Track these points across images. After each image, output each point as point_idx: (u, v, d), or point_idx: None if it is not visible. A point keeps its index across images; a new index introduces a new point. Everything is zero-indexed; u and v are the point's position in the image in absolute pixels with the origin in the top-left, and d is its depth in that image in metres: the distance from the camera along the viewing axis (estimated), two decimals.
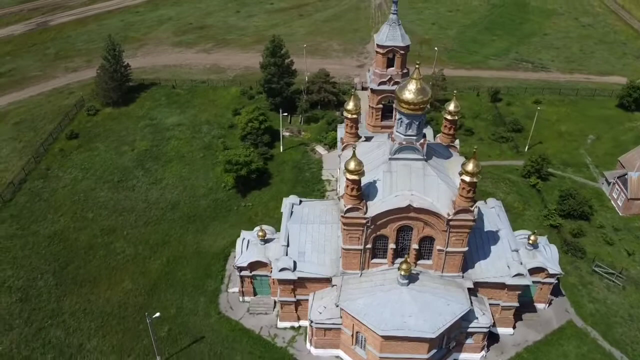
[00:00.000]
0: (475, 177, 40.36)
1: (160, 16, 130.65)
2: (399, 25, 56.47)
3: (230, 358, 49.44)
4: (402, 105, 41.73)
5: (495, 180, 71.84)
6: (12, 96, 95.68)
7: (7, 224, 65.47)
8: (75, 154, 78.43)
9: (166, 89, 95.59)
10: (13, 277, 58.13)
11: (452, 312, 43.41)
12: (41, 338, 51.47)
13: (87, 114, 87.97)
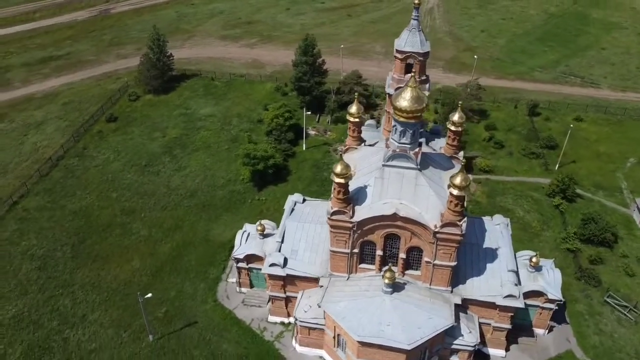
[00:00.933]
0: (464, 190, 39.36)
1: (212, 10, 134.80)
2: (419, 31, 55.67)
3: (218, 345, 50.90)
4: (397, 113, 41.31)
5: (517, 197, 69.24)
6: (66, 78, 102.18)
7: (39, 197, 70.32)
8: (111, 136, 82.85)
9: (205, 80, 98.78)
10: (36, 246, 62.48)
11: (433, 326, 42.59)
12: (50, 305, 55.15)
13: (128, 99, 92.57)
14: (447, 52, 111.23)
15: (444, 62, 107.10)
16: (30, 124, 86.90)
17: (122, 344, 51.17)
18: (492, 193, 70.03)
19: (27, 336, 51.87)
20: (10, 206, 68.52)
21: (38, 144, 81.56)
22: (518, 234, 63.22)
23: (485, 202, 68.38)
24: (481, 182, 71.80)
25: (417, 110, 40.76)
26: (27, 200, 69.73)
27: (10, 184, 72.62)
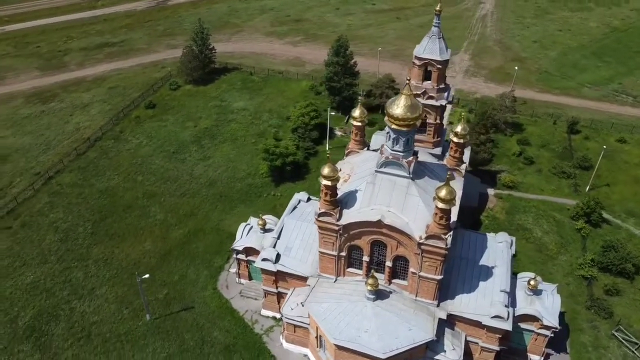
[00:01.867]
0: (449, 203, 38.46)
1: (263, 6, 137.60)
2: (439, 38, 54.89)
3: (209, 332, 52.43)
4: (390, 120, 40.92)
5: (538, 216, 66.36)
6: (116, 64, 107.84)
7: (73, 174, 74.86)
8: (147, 122, 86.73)
9: (244, 74, 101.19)
10: (62, 220, 66.67)
11: (411, 338, 41.93)
12: (64, 276, 58.79)
13: (169, 88, 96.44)
14: (493, 62, 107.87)
15: (487, 72, 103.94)
16: (77, 105, 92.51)
17: (122, 319, 53.82)
18: (512, 210, 67.53)
19: (39, 302, 55.67)
20: (46, 180, 73.43)
21: (80, 124, 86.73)
22: (532, 255, 60.99)
23: (503, 219, 66.08)
24: (502, 197, 69.41)
25: (410, 118, 40.21)
26: (62, 176, 74.47)
27: (49, 160, 77.77)
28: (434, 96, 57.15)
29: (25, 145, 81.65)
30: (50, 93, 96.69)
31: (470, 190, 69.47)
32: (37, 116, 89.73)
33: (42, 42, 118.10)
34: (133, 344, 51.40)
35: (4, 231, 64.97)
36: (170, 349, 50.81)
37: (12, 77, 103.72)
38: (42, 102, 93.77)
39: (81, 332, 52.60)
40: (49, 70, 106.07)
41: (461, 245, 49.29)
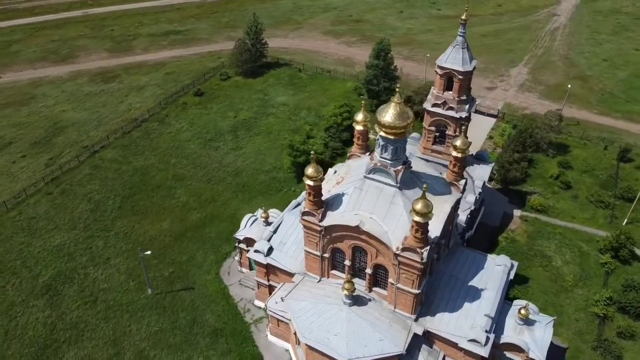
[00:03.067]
0: (425, 217, 37.45)
1: (328, 5, 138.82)
2: (463, 48, 53.47)
3: (202, 314, 54.51)
4: (380, 127, 40.46)
5: (562, 245, 62.42)
6: (177, 51, 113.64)
7: (115, 150, 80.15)
8: (191, 109, 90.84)
9: (293, 70, 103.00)
10: (96, 192, 71.72)
11: (380, 348, 41.35)
12: (87, 243, 63.37)
13: (219, 78, 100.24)
14: (552, 78, 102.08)
15: (544, 88, 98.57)
16: (134, 87, 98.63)
17: (127, 290, 57.26)
18: (535, 234, 64.03)
19: (59, 264, 60.48)
20: (91, 154, 79.23)
21: (132, 105, 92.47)
22: (545, 284, 57.68)
23: (522, 242, 62.86)
24: (528, 220, 65.95)
25: (399, 126, 39.51)
26: (105, 151, 79.99)
27: (98, 135, 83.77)
28: (454, 107, 55.72)
29: (81, 120, 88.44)
30: (112, 74, 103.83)
31: (494, 209, 67.09)
32: (97, 94, 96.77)
33: (116, 26, 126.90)
34: (132, 314, 54.59)
35: (46, 196, 71.02)
36: (163, 324, 53.42)
37: (84, 56, 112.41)
38: (104, 82, 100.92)
39: (89, 296, 56.63)
40: (116, 52, 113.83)
41: (455, 263, 47.73)
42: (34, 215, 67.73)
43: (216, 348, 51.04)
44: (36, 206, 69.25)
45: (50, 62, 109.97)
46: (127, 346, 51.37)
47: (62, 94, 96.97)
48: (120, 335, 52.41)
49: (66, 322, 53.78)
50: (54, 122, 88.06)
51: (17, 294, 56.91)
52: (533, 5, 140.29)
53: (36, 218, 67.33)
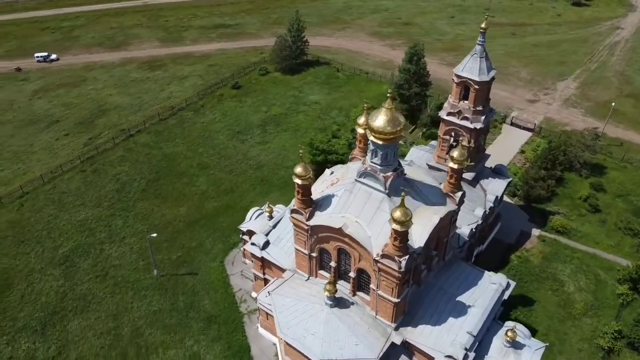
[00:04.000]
0: (404, 225, 36.87)
1: (378, 6, 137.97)
2: (481, 57, 52.15)
3: (200, 299, 56.26)
4: (371, 132, 40.19)
5: (578, 270, 59.25)
6: (224, 44, 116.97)
7: (149, 135, 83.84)
8: (227, 101, 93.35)
9: (332, 70, 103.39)
10: (125, 173, 75.41)
11: (354, 353, 41.14)
12: (107, 221, 66.86)
13: (258, 73, 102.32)
14: (602, 94, 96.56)
15: (591, 104, 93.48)
16: (177, 76, 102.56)
17: (135, 269, 59.99)
18: (551, 256, 61.15)
19: (79, 238, 64.23)
20: (127, 137, 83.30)
21: (172, 94, 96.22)
22: (552, 309, 55.12)
23: (536, 263, 60.22)
24: (545, 240, 63.04)
25: (387, 132, 39.01)
26: (140, 135, 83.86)
27: (136, 120, 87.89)
28: (469, 117, 54.26)
29: (123, 104, 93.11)
30: (160, 62, 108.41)
31: (512, 226, 64.79)
32: (142, 81, 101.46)
33: (171, 16, 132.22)
34: (136, 292, 57.21)
35: (79, 173, 75.48)
36: (163, 305, 55.62)
37: (137, 44, 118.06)
38: (151, 70, 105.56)
39: (101, 271, 59.83)
40: (167, 42, 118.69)
41: (447, 277, 46.58)
42: (65, 190, 72.21)
43: (207, 333, 52.59)
44: (69, 182, 73.79)
45: (105, 47, 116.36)
46: (126, 322, 53.95)
47: (110, 78, 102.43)
48: (122, 311, 55.08)
49: (76, 292, 57.17)
50: (99, 105, 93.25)
51: (37, 262, 61.05)
52: (595, 17, 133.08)
53: (67, 193, 71.76)
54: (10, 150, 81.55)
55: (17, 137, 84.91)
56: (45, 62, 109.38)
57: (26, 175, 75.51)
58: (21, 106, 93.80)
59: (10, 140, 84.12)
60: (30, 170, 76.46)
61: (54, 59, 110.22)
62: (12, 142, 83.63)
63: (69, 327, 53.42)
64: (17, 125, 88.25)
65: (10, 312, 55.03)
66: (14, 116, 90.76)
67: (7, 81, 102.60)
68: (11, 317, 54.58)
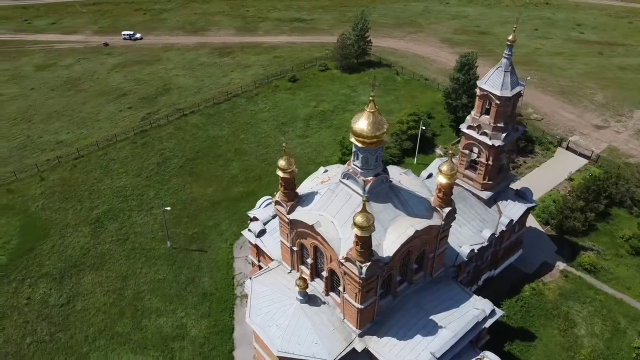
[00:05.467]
0: (364, 231, 36.19)
1: (459, 12, 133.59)
2: (506, 71, 49.68)
3: (201, 276, 58.90)
4: (352, 134, 39.87)
5: (595, 314, 54.05)
6: (293, 38, 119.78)
7: (200, 117, 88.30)
8: (280, 93, 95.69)
9: (391, 73, 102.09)
10: (168, 149, 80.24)
11: (311, 352, 41.11)
12: (142, 190, 71.73)
13: (318, 68, 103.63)
14: None
15: None
16: (241, 64, 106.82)
17: (153, 238, 64.00)
18: (570, 294, 56.41)
19: (113, 202, 69.65)
20: (180, 116, 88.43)
21: (232, 81, 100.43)
22: (554, 349, 51.30)
23: (549, 298, 55.88)
24: (568, 276, 58.30)
25: (367, 136, 38.46)
26: (192, 116, 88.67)
27: (193, 101, 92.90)
28: (488, 133, 51.58)
29: (185, 85, 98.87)
30: (229, 50, 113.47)
31: (534, 255, 60.85)
32: (208, 65, 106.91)
33: (252, 7, 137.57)
34: (147, 259, 61.12)
35: (130, 144, 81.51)
36: (167, 275, 58.97)
37: (214, 31, 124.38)
38: (219, 56, 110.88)
39: (123, 235, 64.58)
40: (242, 31, 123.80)
41: (428, 293, 44.89)
42: (114, 158, 78.42)
43: (199, 309, 55.06)
44: (119, 151, 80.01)
45: (185, 31, 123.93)
46: (132, 285, 57.93)
47: (181, 60, 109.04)
48: (131, 274, 59.18)
49: (97, 250, 62.26)
50: (165, 84, 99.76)
51: (73, 218, 67.15)
52: None
53: (115, 160, 77.89)
54: (79, 116, 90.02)
55: (88, 104, 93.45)
56: (130, 40, 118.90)
57: (86, 139, 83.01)
58: (99, 77, 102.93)
59: (82, 107, 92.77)
60: (91, 136, 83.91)
61: (137, 38, 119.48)
62: (82, 109, 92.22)
63: (83, 280, 58.45)
64: (91, 94, 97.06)
65: (39, 259, 61.28)
66: (90, 86, 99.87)
67: (94, 54, 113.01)
68: (39, 263, 60.77)
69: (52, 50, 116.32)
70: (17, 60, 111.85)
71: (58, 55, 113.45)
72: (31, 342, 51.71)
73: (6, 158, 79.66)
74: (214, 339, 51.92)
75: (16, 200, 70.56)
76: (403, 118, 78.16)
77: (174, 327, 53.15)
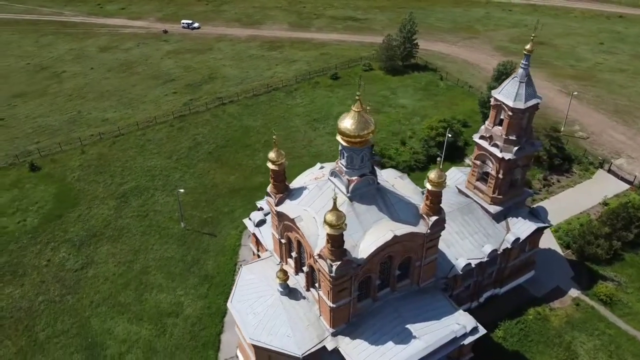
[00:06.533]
0: (334, 229, 36.06)
1: (521, 21, 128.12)
2: (521, 82, 47.88)
3: (206, 259, 60.74)
4: (338, 132, 39.77)
5: (602, 347, 50.28)
6: (344, 36, 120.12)
7: (237, 107, 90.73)
8: (319, 89, 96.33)
9: (435, 77, 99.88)
10: (201, 135, 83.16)
11: (282, 344, 41.52)
12: (169, 172, 74.90)
13: (362, 68, 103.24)
14: None
15: None
16: (287, 59, 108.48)
17: (170, 218, 66.70)
18: (577, 323, 52.99)
19: (141, 180, 73.27)
20: (219, 104, 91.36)
21: (276, 74, 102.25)
22: None
23: (554, 325, 52.75)
24: (580, 305, 54.78)
25: (351, 135, 38.32)
26: (230, 105, 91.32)
27: (233, 91, 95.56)
28: (499, 145, 49.54)
29: (230, 75, 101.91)
30: (279, 44, 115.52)
31: (547, 279, 57.95)
32: (256, 58, 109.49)
33: (309, 3, 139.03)
34: (160, 237, 63.89)
35: (167, 127, 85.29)
36: (175, 254, 61.38)
37: (268, 25, 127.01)
38: (269, 50, 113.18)
39: (144, 211, 67.85)
40: (295, 26, 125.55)
41: (411, 301, 43.94)
42: (150, 139, 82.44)
43: (198, 290, 56.93)
44: (157, 132, 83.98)
45: (241, 23, 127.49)
46: (141, 260, 60.82)
47: (231, 51, 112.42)
48: (142, 250, 62.15)
49: (117, 224, 65.90)
50: (211, 72, 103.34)
51: (102, 191, 71.37)
52: None
53: (151, 141, 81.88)
54: (127, 97, 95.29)
55: (137, 87, 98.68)
56: (187, 29, 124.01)
57: (129, 119, 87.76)
58: (152, 62, 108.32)
59: (132, 89, 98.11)
60: (134, 116, 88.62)
61: (195, 27, 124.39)
62: (132, 90, 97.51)
63: (99, 250, 62.12)
64: (142, 77, 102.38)
65: (65, 225, 65.78)
66: (143, 70, 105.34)
67: (152, 40, 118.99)
68: (64, 229, 65.23)
69: (116, 33, 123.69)
70: (84, 41, 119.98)
71: (121, 39, 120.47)
72: (43, 301, 55.80)
73: (56, 130, 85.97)
74: (206, 320, 53.58)
75: (57, 169, 76.03)
76: (433, 124, 76.43)
77: (171, 304, 55.37)
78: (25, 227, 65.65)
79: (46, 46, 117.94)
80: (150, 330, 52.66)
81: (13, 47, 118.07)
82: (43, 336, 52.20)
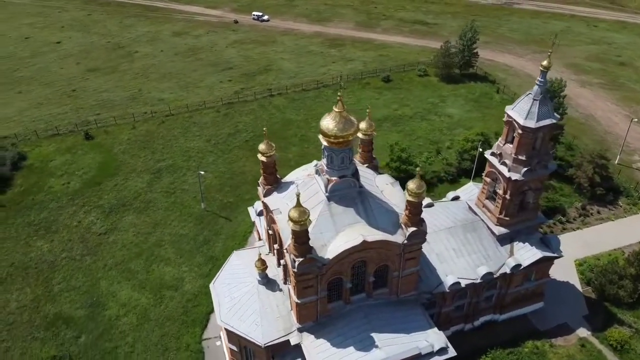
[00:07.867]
0: (297, 225, 36.33)
1: (603, 38, 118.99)
2: (535, 99, 45.58)
3: (216, 240, 63.08)
4: (320, 132, 39.90)
5: None
6: (408, 39, 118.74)
7: (283, 100, 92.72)
8: (368, 90, 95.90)
9: (491, 89, 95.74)
10: (243, 123, 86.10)
11: (249, 331, 42.52)
12: (204, 154, 78.45)
13: (417, 73, 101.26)
14: None
15: None
16: (345, 57, 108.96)
17: (194, 198, 69.90)
18: None
19: (177, 159, 77.36)
20: (267, 96, 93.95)
21: (328, 72, 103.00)
22: None
23: None
24: (586, 346, 50.54)
25: (332, 135, 38.41)
26: (277, 97, 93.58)
27: (284, 85, 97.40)
28: (508, 164, 47.03)
29: (285, 69, 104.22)
30: (340, 42, 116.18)
31: (555, 313, 54.40)
32: (315, 54, 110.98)
33: (380, 4, 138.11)
34: (180, 214, 67.23)
35: (214, 113, 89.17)
36: (189, 232, 64.40)
37: (335, 23, 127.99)
38: (329, 47, 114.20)
39: (172, 188, 71.62)
40: (361, 26, 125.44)
41: (384, 311, 43.20)
42: (196, 122, 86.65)
43: (201, 269, 59.46)
44: (203, 116, 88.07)
45: (309, 19, 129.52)
46: (158, 234, 64.45)
47: (292, 45, 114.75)
48: (162, 223, 65.83)
49: (145, 197, 70.26)
50: (268, 64, 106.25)
51: (140, 165, 76.30)
52: None
53: (196, 124, 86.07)
54: (185, 81, 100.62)
55: (197, 72, 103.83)
56: (257, 21, 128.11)
57: (182, 102, 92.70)
58: (217, 50, 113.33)
59: (191, 73, 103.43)
60: (187, 99, 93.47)
61: (264, 19, 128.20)
62: (191, 75, 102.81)
63: (124, 219, 66.65)
64: (203, 63, 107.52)
65: (101, 193, 71.19)
66: (206, 56, 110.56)
67: (222, 29, 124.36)
68: (99, 196, 70.64)
69: (191, 20, 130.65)
70: (161, 25, 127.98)
71: (194, 25, 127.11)
72: (65, 257, 61.05)
73: (116, 105, 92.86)
74: (201, 298, 55.89)
75: (107, 140, 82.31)
76: (470, 136, 73.54)
77: (173, 278, 58.35)
78: (68, 189, 71.93)
79: (127, 27, 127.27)
80: (149, 299, 55.92)
81: (99, 26, 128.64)
82: (57, 289, 57.24)
